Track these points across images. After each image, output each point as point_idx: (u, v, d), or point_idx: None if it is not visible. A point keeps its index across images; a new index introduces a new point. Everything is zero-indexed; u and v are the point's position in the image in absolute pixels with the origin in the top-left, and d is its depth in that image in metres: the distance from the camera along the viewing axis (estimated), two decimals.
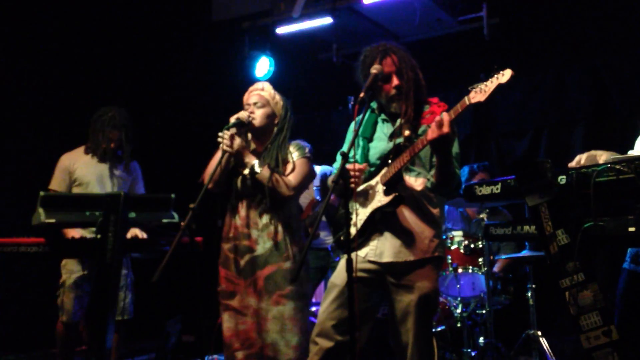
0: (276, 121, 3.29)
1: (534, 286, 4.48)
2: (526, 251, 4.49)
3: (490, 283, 4.46)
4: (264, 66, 6.39)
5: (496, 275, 4.72)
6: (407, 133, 2.72)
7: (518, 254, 4.56)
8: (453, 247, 4.66)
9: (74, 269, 4.00)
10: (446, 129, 2.46)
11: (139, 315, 4.24)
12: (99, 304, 3.22)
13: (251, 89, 3.32)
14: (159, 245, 3.55)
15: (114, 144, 4.16)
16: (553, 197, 2.23)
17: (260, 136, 3.30)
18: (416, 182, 2.81)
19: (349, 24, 5.81)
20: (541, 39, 5.61)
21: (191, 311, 5.47)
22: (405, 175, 2.79)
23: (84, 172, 4.11)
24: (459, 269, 4.58)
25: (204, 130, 5.45)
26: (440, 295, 4.58)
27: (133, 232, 3.96)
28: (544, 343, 4.28)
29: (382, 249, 2.79)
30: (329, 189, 2.70)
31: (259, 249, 3.13)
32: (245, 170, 3.16)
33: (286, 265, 3.12)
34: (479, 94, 2.40)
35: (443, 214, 2.97)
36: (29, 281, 5.22)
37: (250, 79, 6.03)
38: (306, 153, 3.28)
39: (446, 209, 5.20)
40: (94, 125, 4.17)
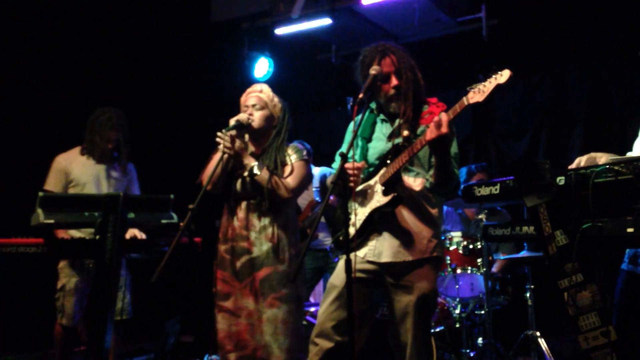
0: (274, 123, 3.29)
1: (533, 287, 4.49)
2: (525, 252, 4.50)
3: (489, 284, 4.47)
4: (263, 67, 6.39)
5: (495, 275, 4.72)
6: (406, 133, 2.72)
7: (517, 254, 4.56)
8: (452, 247, 4.67)
9: (71, 272, 3.99)
10: (445, 129, 2.46)
11: (138, 316, 4.24)
12: (98, 305, 3.22)
13: (249, 90, 3.31)
14: (158, 245, 3.54)
15: (111, 144, 4.14)
16: (552, 197, 2.23)
17: (259, 138, 3.30)
18: (415, 183, 2.81)
19: (348, 25, 5.81)
20: (540, 40, 5.61)
21: (190, 312, 5.48)
22: (404, 176, 2.79)
23: (80, 173, 4.09)
24: (458, 269, 4.58)
25: (203, 131, 5.47)
26: (439, 295, 4.58)
27: (132, 233, 3.95)
28: (543, 343, 4.29)
29: (380, 249, 2.79)
30: (328, 190, 2.70)
31: (256, 250, 3.14)
32: (245, 172, 3.16)
33: (282, 268, 3.12)
34: (478, 94, 2.41)
35: (442, 214, 2.97)
36: (27, 282, 5.21)
37: (250, 80, 6.03)
38: (304, 155, 3.28)
39: (445, 210, 5.20)
40: (90, 126, 4.15)
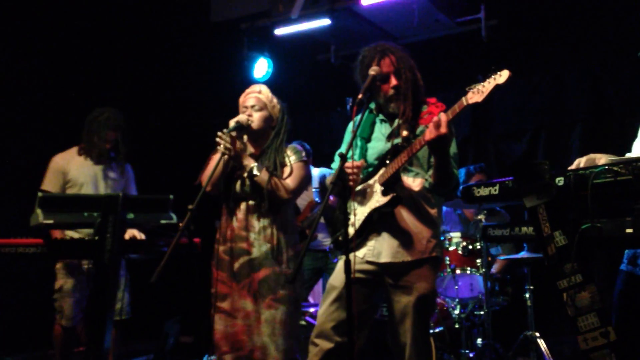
0: (273, 124, 3.29)
1: (532, 287, 4.49)
2: (524, 252, 4.50)
3: (489, 284, 4.47)
4: (262, 67, 6.38)
5: (494, 276, 4.72)
6: (405, 133, 2.72)
7: (516, 255, 4.56)
8: (451, 248, 4.67)
9: (67, 273, 3.98)
10: (444, 129, 2.46)
11: (137, 316, 4.23)
12: (97, 305, 3.21)
13: (248, 91, 3.30)
14: (158, 246, 3.54)
15: (109, 145, 4.14)
16: (551, 198, 2.23)
17: (257, 139, 3.29)
18: (414, 183, 2.81)
19: (347, 25, 5.80)
20: (539, 41, 5.61)
21: (190, 312, 5.49)
22: (403, 176, 2.79)
23: (78, 173, 4.08)
24: (457, 270, 4.59)
25: (202, 131, 5.46)
26: (438, 296, 4.59)
27: (131, 233, 3.94)
28: (542, 344, 4.29)
29: (379, 249, 2.79)
30: (327, 190, 2.70)
31: (255, 251, 3.13)
32: (244, 173, 3.16)
33: (280, 269, 3.12)
34: (477, 94, 2.41)
35: (441, 215, 2.97)
36: (27, 282, 5.22)
37: (249, 80, 6.03)
38: (303, 156, 3.29)
39: (444, 211, 5.20)
40: (89, 126, 4.14)
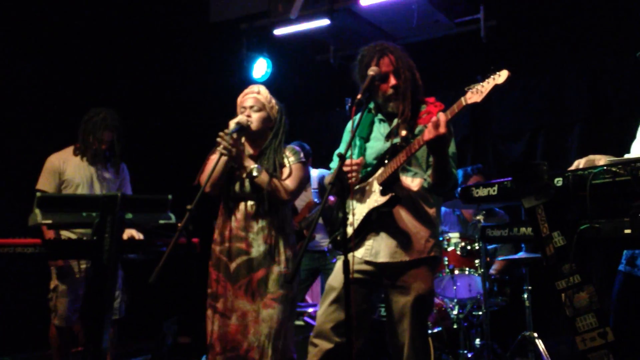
0: (271, 125, 3.28)
1: (530, 288, 4.50)
2: (522, 253, 4.50)
3: (487, 285, 4.47)
4: (261, 67, 6.38)
5: (492, 277, 4.72)
6: (404, 133, 2.72)
7: (514, 255, 4.57)
8: (450, 248, 4.67)
9: (64, 273, 3.96)
10: (442, 129, 2.46)
11: (135, 316, 4.23)
12: (95, 305, 3.21)
13: (246, 91, 3.30)
14: (156, 246, 3.53)
15: (105, 145, 4.13)
16: (549, 199, 2.23)
17: (256, 140, 3.29)
18: (413, 183, 2.81)
19: (347, 26, 5.81)
20: (538, 41, 5.62)
21: (187, 312, 5.48)
22: (402, 176, 2.79)
23: (74, 173, 4.08)
24: (456, 270, 4.59)
25: (201, 132, 5.45)
26: (436, 296, 4.59)
27: (129, 233, 3.94)
28: (540, 345, 4.29)
29: (377, 249, 2.79)
30: (326, 190, 2.70)
31: (253, 251, 3.13)
32: (243, 174, 3.16)
33: (278, 269, 3.13)
34: (476, 94, 2.41)
35: (439, 214, 2.97)
36: (25, 282, 5.21)
37: (248, 80, 6.02)
38: (301, 157, 3.30)
39: (443, 211, 5.20)
40: (84, 126, 4.13)
